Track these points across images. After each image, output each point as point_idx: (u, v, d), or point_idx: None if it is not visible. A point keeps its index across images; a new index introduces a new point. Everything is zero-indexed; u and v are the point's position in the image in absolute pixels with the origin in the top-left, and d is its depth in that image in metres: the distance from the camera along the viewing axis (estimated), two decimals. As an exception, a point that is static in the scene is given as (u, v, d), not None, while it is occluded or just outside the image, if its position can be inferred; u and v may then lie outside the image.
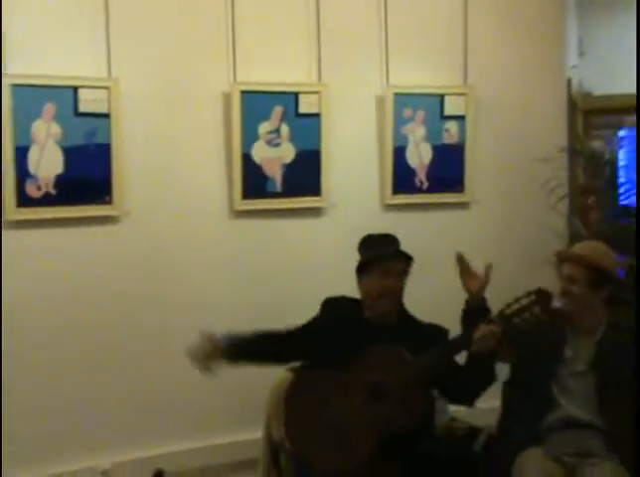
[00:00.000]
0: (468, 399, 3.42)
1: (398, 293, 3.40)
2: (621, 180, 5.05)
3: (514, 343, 3.42)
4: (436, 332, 3.45)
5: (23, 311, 3.85)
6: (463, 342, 3.22)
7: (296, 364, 3.54)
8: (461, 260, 3.36)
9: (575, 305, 3.30)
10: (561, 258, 3.43)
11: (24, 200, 3.77)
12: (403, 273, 3.40)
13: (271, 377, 3.52)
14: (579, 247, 3.50)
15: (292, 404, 3.39)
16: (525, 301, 3.18)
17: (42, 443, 3.90)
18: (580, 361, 3.32)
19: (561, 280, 3.35)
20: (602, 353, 3.30)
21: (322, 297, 3.63)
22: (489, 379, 3.29)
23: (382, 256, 3.39)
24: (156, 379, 4.14)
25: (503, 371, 3.40)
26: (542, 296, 3.19)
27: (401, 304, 3.50)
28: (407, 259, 3.41)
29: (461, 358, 3.28)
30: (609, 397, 3.24)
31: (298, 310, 3.56)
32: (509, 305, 3.20)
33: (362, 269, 3.44)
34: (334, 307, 3.55)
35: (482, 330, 3.14)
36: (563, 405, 3.30)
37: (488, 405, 3.45)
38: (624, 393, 3.22)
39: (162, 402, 4.16)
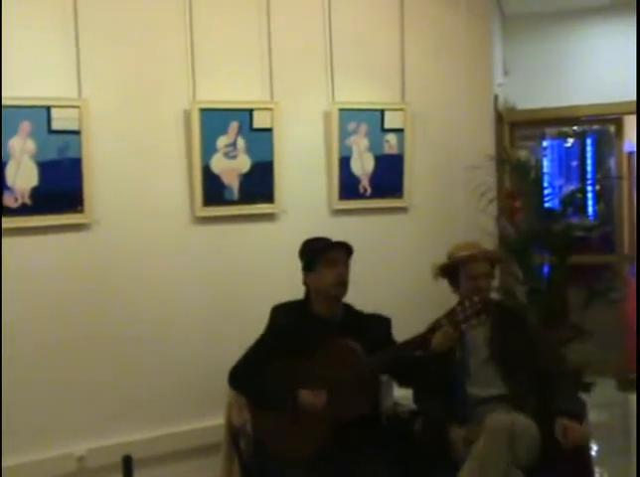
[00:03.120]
0: (415, 385, 3.70)
1: (345, 281, 3.59)
2: (545, 185, 5.19)
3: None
4: (380, 322, 3.69)
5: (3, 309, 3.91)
6: (419, 344, 3.44)
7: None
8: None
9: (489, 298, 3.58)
10: (475, 258, 3.65)
11: (2, 210, 3.83)
12: (347, 263, 3.63)
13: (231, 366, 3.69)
14: (472, 247, 3.75)
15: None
16: (472, 309, 3.40)
17: (19, 431, 3.96)
18: (483, 348, 3.62)
19: (475, 279, 3.60)
20: (498, 336, 3.60)
21: (276, 294, 3.77)
22: (441, 372, 3.51)
23: (327, 246, 3.60)
24: (126, 371, 4.21)
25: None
26: (486, 304, 3.45)
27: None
28: (348, 250, 3.65)
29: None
30: (513, 374, 3.54)
31: (254, 305, 3.80)
32: (456, 312, 3.43)
33: (309, 265, 3.64)
34: (283, 312, 3.73)
35: (441, 335, 3.39)
36: (476, 393, 3.58)
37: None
38: (522, 364, 3.54)
39: (132, 393, 4.23)
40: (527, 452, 3.30)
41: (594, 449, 3.74)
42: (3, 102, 3.82)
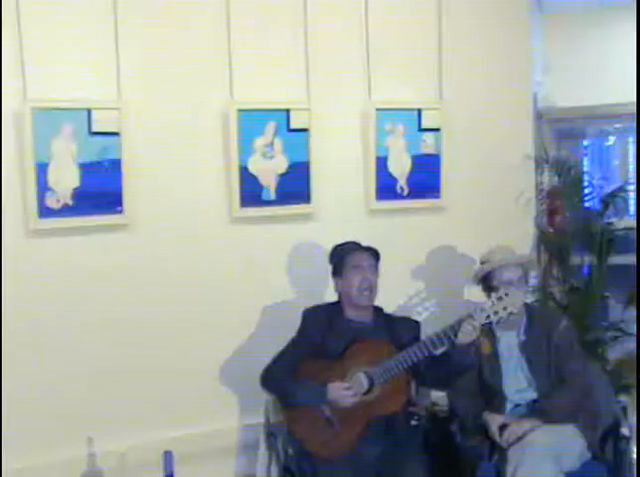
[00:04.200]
0: (445, 386, 3.74)
1: (374, 285, 3.62)
2: (585, 184, 5.18)
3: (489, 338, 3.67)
4: (409, 325, 3.73)
5: (45, 311, 4.01)
6: (446, 337, 3.45)
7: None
8: None
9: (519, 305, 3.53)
10: (508, 262, 3.64)
11: (44, 211, 3.91)
12: (375, 268, 3.66)
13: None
14: (504, 251, 3.74)
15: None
16: (500, 302, 3.41)
17: (60, 427, 4.05)
18: (516, 353, 3.63)
19: (506, 285, 3.57)
20: (531, 341, 3.61)
21: (313, 295, 3.86)
22: (465, 369, 3.54)
23: (352, 251, 3.65)
24: (166, 369, 4.27)
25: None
26: (514, 298, 3.44)
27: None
28: (376, 255, 3.67)
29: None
30: (546, 382, 3.56)
31: (291, 307, 3.82)
32: (484, 305, 3.44)
33: (338, 271, 3.69)
34: (314, 315, 3.78)
35: (467, 326, 3.40)
36: (511, 396, 3.61)
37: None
38: (555, 373, 3.56)
39: (172, 391, 4.28)
40: (573, 463, 3.31)
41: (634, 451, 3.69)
42: (46, 105, 3.90)
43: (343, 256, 3.66)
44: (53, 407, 4.04)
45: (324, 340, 3.62)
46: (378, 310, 3.76)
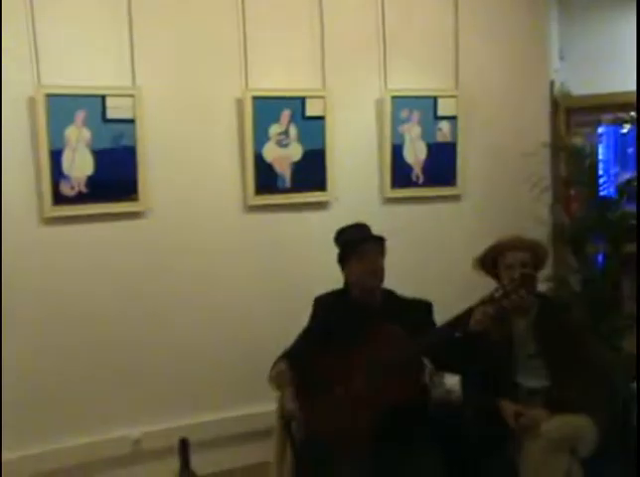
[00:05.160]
0: (458, 370, 3.67)
1: (379, 271, 3.58)
2: (600, 172, 5.10)
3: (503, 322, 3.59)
4: (420, 306, 3.65)
5: (59, 298, 4.03)
6: (458, 323, 3.39)
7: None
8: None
9: (532, 289, 3.50)
10: (514, 247, 3.58)
11: (59, 198, 3.94)
12: (381, 253, 3.61)
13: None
14: (514, 240, 3.65)
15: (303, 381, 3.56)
16: (511, 285, 3.36)
17: (77, 413, 4.10)
18: (530, 342, 3.58)
19: (512, 268, 3.52)
20: (543, 330, 3.55)
21: (328, 282, 3.76)
22: (479, 354, 3.43)
23: (358, 241, 3.57)
24: (180, 356, 4.30)
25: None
26: (525, 279, 3.39)
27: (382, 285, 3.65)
28: (381, 241, 3.60)
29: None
30: (558, 369, 3.50)
31: (306, 293, 3.78)
32: (497, 289, 3.39)
33: (344, 257, 3.63)
34: (324, 302, 3.73)
35: (478, 312, 3.35)
36: (524, 384, 3.56)
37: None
38: (567, 359, 3.50)
39: (187, 378, 4.31)
40: (587, 452, 3.29)
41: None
42: (59, 91, 3.91)
43: (348, 242, 3.63)
44: (70, 393, 4.09)
45: (335, 325, 3.57)
46: (388, 293, 3.72)
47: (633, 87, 4.61)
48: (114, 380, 4.19)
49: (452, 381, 4.02)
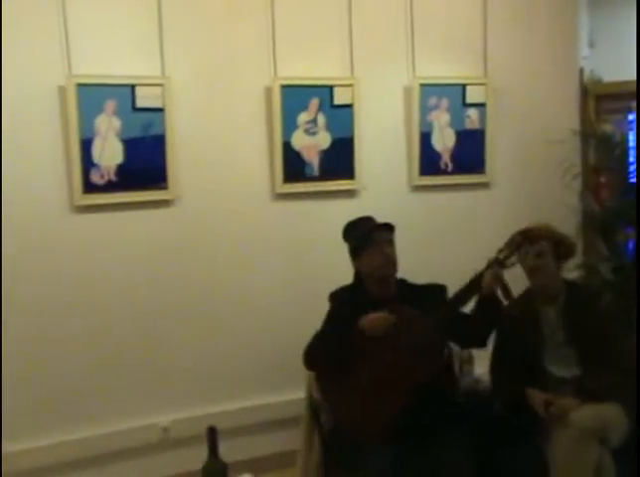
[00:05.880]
0: (480, 341, 3.63)
1: (393, 259, 3.60)
2: (630, 159, 5.02)
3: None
4: (435, 290, 3.65)
5: (89, 286, 4.06)
6: (471, 288, 3.49)
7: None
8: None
9: (546, 279, 3.53)
10: (532, 236, 3.56)
11: (89, 187, 3.97)
12: (391, 241, 3.62)
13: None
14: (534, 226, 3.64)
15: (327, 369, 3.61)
16: (513, 244, 3.48)
17: (108, 402, 4.13)
18: (559, 330, 3.58)
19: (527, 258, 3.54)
20: (572, 319, 3.54)
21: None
22: (496, 318, 3.53)
23: (368, 232, 3.59)
24: (209, 344, 4.32)
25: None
26: (526, 234, 3.48)
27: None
28: (390, 229, 3.62)
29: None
30: (588, 359, 3.49)
31: (333, 282, 3.76)
32: (500, 251, 3.49)
33: (357, 250, 3.65)
34: (340, 297, 3.73)
35: (488, 275, 3.44)
36: (554, 372, 3.56)
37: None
38: (598, 348, 3.48)
39: (215, 367, 4.34)
40: (617, 442, 3.28)
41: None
42: (89, 81, 3.93)
43: (358, 237, 3.64)
44: (100, 382, 4.12)
45: (355, 316, 3.54)
46: (401, 282, 3.73)
47: (664, 74, 4.57)
48: (144, 368, 4.22)
49: (481, 370, 4.05)
